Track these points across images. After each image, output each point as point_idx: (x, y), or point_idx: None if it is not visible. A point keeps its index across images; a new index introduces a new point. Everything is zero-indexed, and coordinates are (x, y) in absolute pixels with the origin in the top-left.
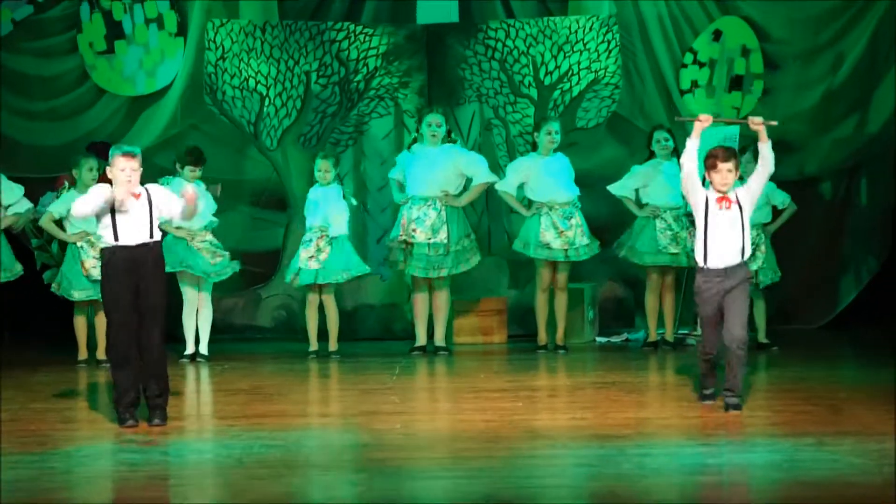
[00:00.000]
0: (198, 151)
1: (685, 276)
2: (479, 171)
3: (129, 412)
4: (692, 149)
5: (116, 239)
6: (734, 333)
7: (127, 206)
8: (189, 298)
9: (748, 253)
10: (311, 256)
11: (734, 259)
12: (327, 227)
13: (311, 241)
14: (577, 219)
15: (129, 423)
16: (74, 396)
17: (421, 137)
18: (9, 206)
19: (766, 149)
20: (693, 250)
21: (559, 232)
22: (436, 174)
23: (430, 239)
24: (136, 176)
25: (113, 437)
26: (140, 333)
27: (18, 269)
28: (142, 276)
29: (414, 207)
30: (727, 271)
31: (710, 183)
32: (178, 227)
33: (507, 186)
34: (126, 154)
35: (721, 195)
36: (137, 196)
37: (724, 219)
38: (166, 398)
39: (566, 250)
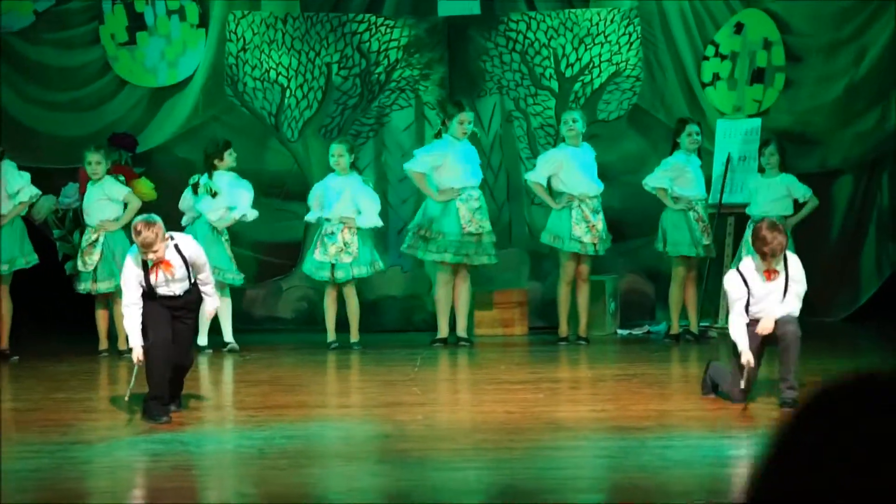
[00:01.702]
0: (221, 142)
1: (706, 268)
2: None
3: (163, 409)
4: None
5: (155, 297)
6: (786, 318)
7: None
8: None
9: (791, 296)
10: (341, 250)
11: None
12: (351, 217)
13: (334, 233)
14: (602, 213)
15: (164, 420)
16: (96, 387)
17: (445, 130)
18: (16, 193)
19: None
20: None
21: (590, 226)
22: (475, 167)
23: (477, 228)
24: (162, 246)
25: (134, 427)
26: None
27: (34, 258)
28: (178, 308)
29: (472, 199)
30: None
31: (759, 258)
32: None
33: (537, 177)
34: (140, 234)
35: (767, 270)
36: (169, 266)
37: (767, 287)
38: (181, 388)
39: (595, 244)
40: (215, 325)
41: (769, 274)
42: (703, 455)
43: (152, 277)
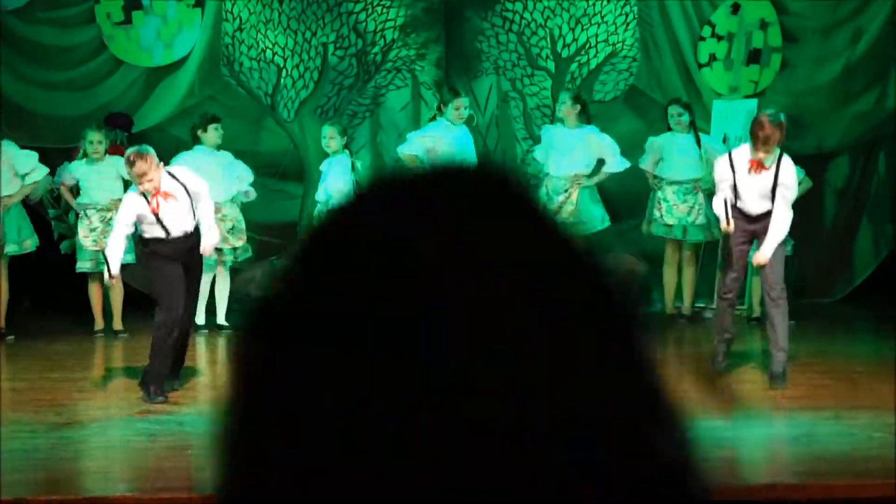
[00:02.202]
0: (210, 116)
1: (702, 249)
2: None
3: (159, 390)
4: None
5: (168, 234)
6: (768, 276)
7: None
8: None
9: (779, 203)
10: None
11: (761, 207)
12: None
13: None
14: (569, 196)
15: (159, 399)
16: (91, 366)
17: (440, 114)
18: (25, 174)
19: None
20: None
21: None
22: (467, 153)
23: None
24: (157, 175)
25: (129, 407)
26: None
27: (30, 244)
28: (190, 263)
29: None
30: (754, 218)
31: (752, 145)
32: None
33: (539, 156)
34: (135, 162)
35: (756, 161)
36: (168, 195)
37: (753, 180)
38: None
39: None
40: (211, 305)
41: (754, 164)
42: (697, 436)
43: (154, 206)
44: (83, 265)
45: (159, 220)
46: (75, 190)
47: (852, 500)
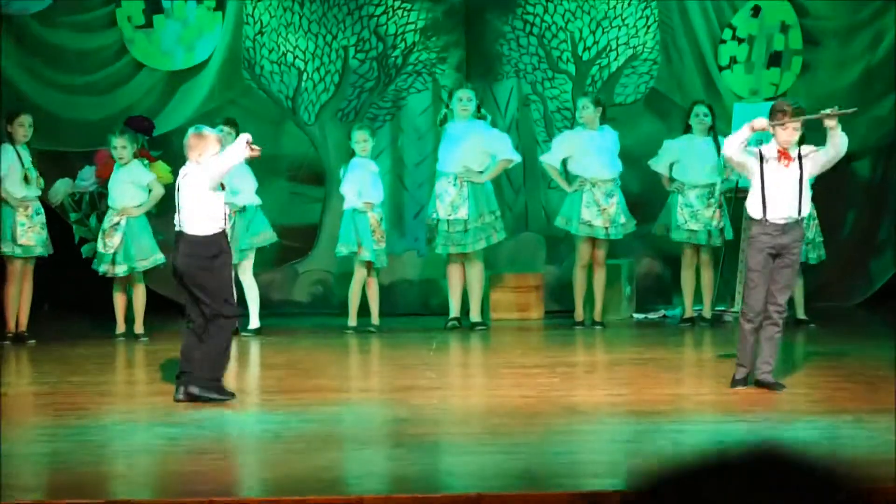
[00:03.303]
0: (227, 120)
1: (722, 252)
2: (501, 148)
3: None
4: (741, 139)
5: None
6: (776, 297)
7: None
8: None
9: (805, 211)
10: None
11: (791, 213)
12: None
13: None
14: (618, 196)
15: (177, 398)
16: (112, 370)
17: (451, 113)
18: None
19: (835, 135)
20: (746, 207)
21: (601, 209)
22: (461, 150)
23: (449, 216)
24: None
25: (151, 410)
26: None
27: (41, 250)
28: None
29: (437, 184)
30: (785, 227)
31: (773, 136)
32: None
33: (551, 159)
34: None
35: (783, 150)
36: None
37: (782, 175)
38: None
39: (607, 228)
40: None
41: (783, 157)
42: (717, 439)
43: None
44: (102, 268)
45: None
46: (95, 194)
47: None
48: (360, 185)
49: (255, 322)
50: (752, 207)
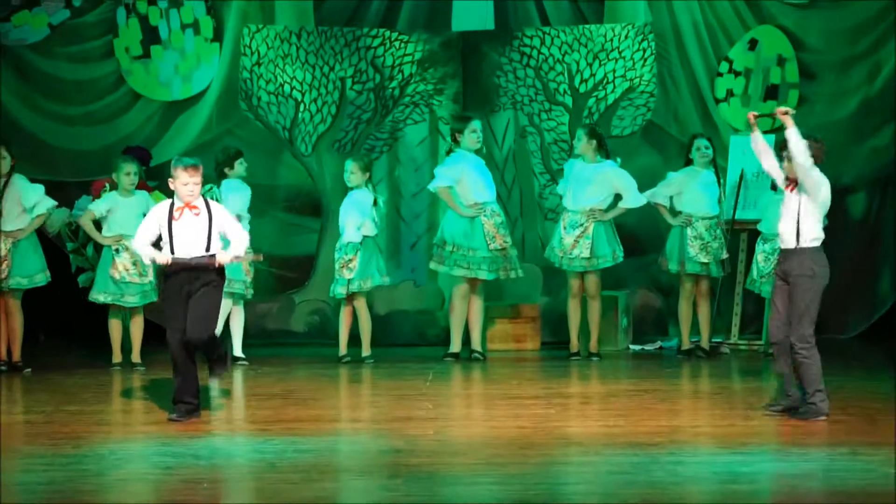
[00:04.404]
0: (229, 148)
1: (719, 284)
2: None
3: (179, 411)
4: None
5: (172, 251)
6: (794, 329)
7: (168, 258)
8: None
9: (805, 240)
10: (343, 266)
11: (788, 242)
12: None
13: (340, 248)
14: (584, 230)
15: (172, 417)
16: (108, 399)
17: (455, 146)
18: (31, 207)
19: (790, 134)
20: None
21: (560, 239)
22: (490, 180)
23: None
24: (198, 189)
25: (146, 439)
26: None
27: (40, 278)
28: (198, 288)
29: (495, 214)
30: (785, 253)
31: (780, 162)
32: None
33: (559, 189)
34: (189, 168)
35: (790, 179)
36: (194, 208)
37: (787, 201)
38: (223, 354)
39: (561, 257)
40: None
41: (789, 181)
42: (714, 471)
43: (176, 216)
44: (96, 296)
45: (171, 236)
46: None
47: None
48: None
49: (238, 351)
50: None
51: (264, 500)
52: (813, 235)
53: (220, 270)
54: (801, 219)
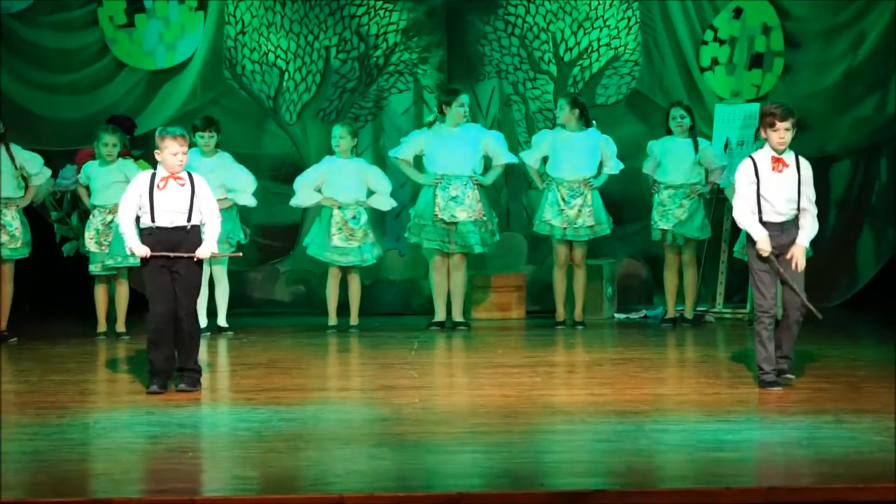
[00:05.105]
0: (207, 118)
1: (704, 252)
2: (500, 152)
3: (158, 383)
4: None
5: (153, 219)
6: (794, 298)
7: (144, 253)
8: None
9: (805, 203)
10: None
11: (788, 210)
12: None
13: (357, 217)
14: (585, 198)
15: (152, 389)
16: (93, 369)
17: (441, 118)
18: (32, 175)
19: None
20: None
21: (560, 210)
22: (465, 153)
23: (470, 217)
24: (186, 159)
25: (131, 409)
26: (177, 309)
27: (24, 251)
28: (179, 263)
29: (449, 188)
30: (782, 226)
31: (767, 140)
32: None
33: (530, 158)
34: (178, 136)
35: (776, 157)
36: (178, 178)
37: (778, 179)
38: (198, 370)
39: (565, 229)
40: (212, 307)
41: (777, 163)
42: (698, 439)
43: (161, 185)
44: (94, 267)
45: (151, 204)
46: (77, 193)
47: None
48: (327, 182)
49: (222, 321)
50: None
51: (250, 469)
52: (809, 205)
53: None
54: (801, 192)
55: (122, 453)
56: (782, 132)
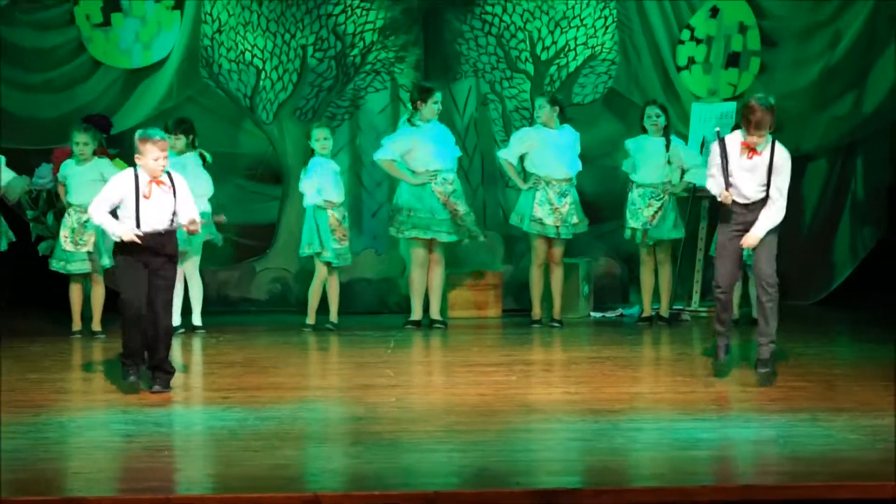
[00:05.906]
0: (179, 120)
1: (680, 251)
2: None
3: (133, 370)
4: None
5: (138, 226)
6: (761, 268)
7: (132, 236)
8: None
9: (773, 192)
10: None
11: (756, 194)
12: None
13: (346, 217)
14: (571, 196)
15: (131, 379)
16: (69, 367)
17: (418, 114)
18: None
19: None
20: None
21: (553, 208)
22: (450, 147)
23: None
24: (167, 163)
25: (107, 407)
26: (152, 302)
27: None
28: (156, 260)
29: (446, 183)
30: (748, 207)
31: (744, 130)
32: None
33: (508, 156)
34: (160, 141)
35: (747, 143)
36: (161, 184)
37: (746, 163)
38: (171, 371)
39: (558, 227)
40: (186, 306)
41: (747, 147)
42: (674, 438)
43: (146, 192)
44: (56, 264)
45: (137, 213)
46: (52, 192)
47: (829, 502)
48: (321, 184)
49: (197, 319)
50: (716, 189)
51: (225, 468)
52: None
53: (176, 246)
54: (769, 177)
55: (97, 452)
56: (756, 138)
